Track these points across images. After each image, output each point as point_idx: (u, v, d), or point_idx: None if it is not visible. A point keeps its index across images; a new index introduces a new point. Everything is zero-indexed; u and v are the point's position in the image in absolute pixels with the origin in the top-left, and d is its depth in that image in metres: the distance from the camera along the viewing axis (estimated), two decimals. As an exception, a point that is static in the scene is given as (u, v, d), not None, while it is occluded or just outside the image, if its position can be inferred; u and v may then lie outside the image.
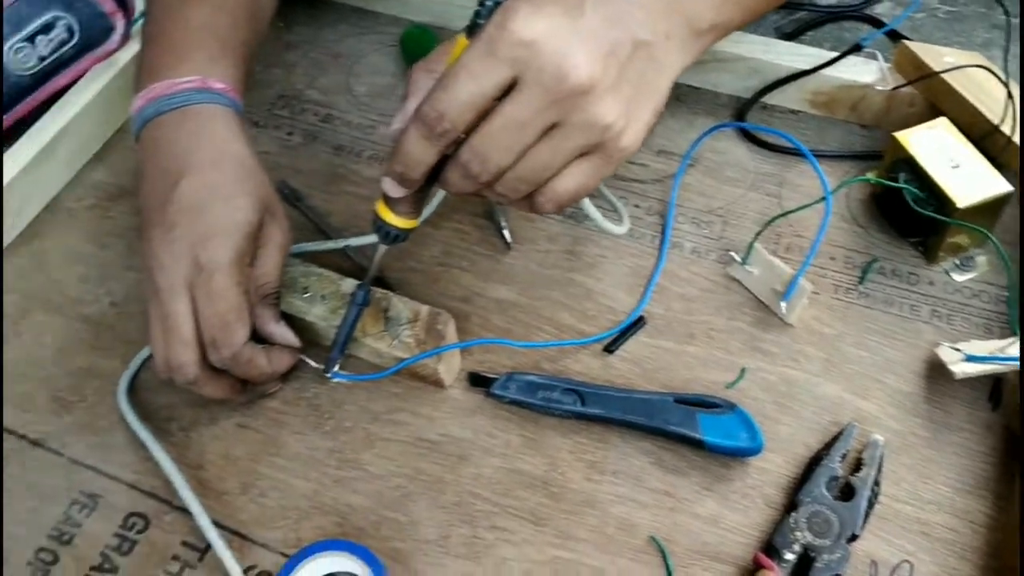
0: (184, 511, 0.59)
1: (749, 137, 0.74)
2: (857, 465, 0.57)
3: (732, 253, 0.65)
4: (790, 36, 0.83)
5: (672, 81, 0.51)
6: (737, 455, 0.58)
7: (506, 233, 0.69)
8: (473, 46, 0.46)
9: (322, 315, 0.63)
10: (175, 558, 0.57)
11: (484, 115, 0.47)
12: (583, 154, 0.49)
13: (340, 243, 0.68)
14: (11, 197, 0.72)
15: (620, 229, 0.65)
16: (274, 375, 0.60)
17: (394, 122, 0.51)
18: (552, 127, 0.47)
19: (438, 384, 0.63)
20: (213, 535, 0.57)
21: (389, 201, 0.54)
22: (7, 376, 0.66)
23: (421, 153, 0.48)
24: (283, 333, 0.60)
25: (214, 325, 0.56)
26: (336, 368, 0.62)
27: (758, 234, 0.64)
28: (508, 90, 0.46)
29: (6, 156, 0.73)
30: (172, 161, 0.59)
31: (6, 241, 0.73)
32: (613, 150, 0.48)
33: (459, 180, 0.49)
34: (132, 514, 0.59)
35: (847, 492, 0.56)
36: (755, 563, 0.54)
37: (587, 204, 0.61)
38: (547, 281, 0.67)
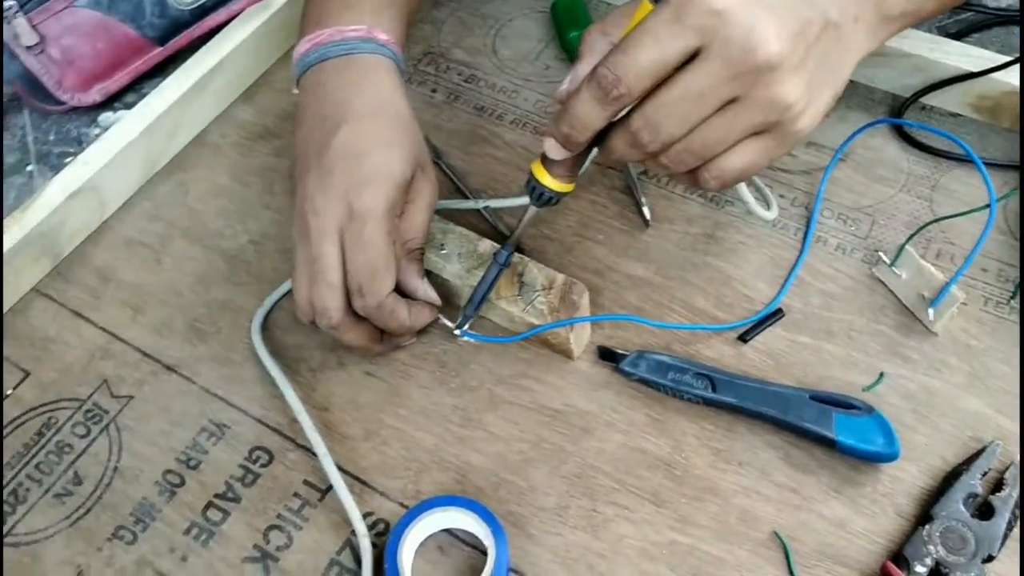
0: (307, 450, 0.60)
1: (903, 136, 0.71)
2: (998, 485, 0.55)
3: (881, 253, 0.63)
4: (954, 37, 0.80)
5: (854, 66, 0.50)
6: (870, 460, 0.56)
7: (645, 210, 0.68)
8: (659, 11, 0.45)
9: (457, 273, 0.63)
10: (296, 495, 0.58)
11: (661, 83, 0.46)
12: (756, 132, 0.48)
13: (479, 203, 0.68)
14: (162, 126, 0.73)
15: (769, 215, 0.63)
16: (413, 328, 0.61)
17: (564, 83, 0.51)
18: (730, 102, 0.46)
19: (566, 354, 0.62)
20: (336, 478, 0.57)
21: (547, 162, 0.54)
22: (149, 298, 0.68)
23: (590, 116, 0.48)
24: (425, 289, 0.60)
25: (362, 272, 0.56)
26: (467, 327, 0.62)
27: (911, 236, 0.62)
28: (689, 60, 0.45)
29: (160, 87, 0.74)
30: (332, 108, 0.60)
31: (157, 167, 0.75)
32: (789, 132, 0.47)
33: (625, 148, 0.49)
34: (257, 447, 0.60)
35: (985, 511, 0.54)
36: (883, 572, 0.52)
37: (740, 185, 0.59)
38: (684, 263, 0.66)
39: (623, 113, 0.48)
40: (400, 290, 0.59)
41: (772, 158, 0.49)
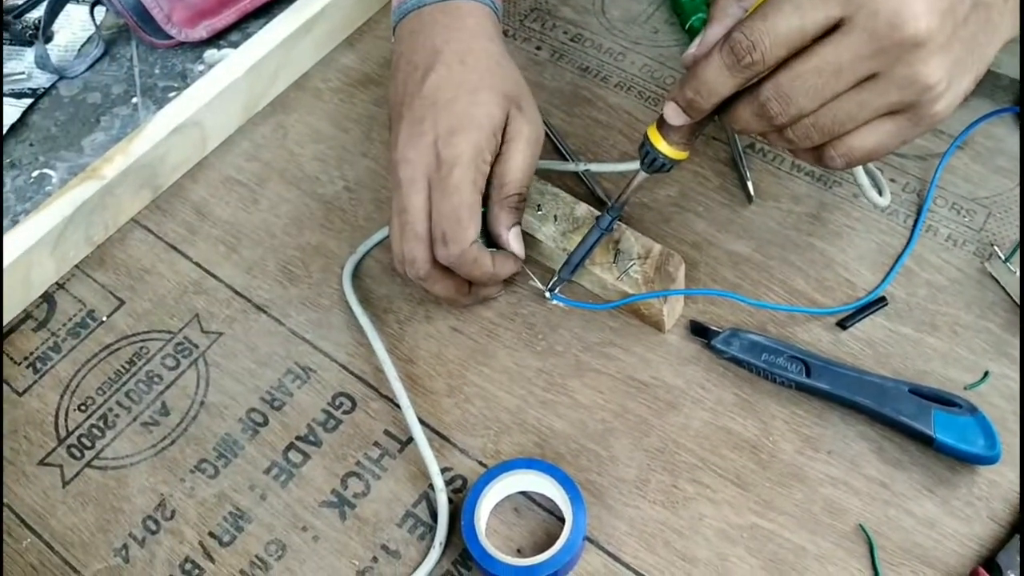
0: (390, 401, 0.60)
1: (1028, 127, 0.68)
2: (1104, 499, 0.52)
3: (995, 247, 0.60)
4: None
5: (998, 49, 0.47)
6: (968, 461, 0.54)
7: (749, 185, 0.66)
8: None
9: (551, 235, 0.62)
10: (376, 444, 0.59)
11: (797, 54, 0.44)
12: (890, 112, 0.45)
13: (579, 166, 0.67)
14: (266, 67, 0.73)
15: (882, 201, 0.61)
16: (497, 279, 0.60)
17: (691, 46, 0.49)
18: (868, 78, 0.44)
19: (657, 327, 0.61)
20: (418, 430, 0.57)
21: (663, 128, 0.52)
22: (243, 237, 0.68)
23: (719, 82, 0.46)
24: (509, 239, 0.59)
25: (445, 219, 0.56)
26: (558, 291, 0.61)
27: (1031, 233, 0.59)
28: (829, 31, 0.43)
29: (266, 27, 0.74)
30: (423, 55, 0.59)
31: (257, 107, 0.75)
32: (925, 114, 0.45)
33: (750, 118, 0.47)
34: (341, 394, 0.61)
35: (1088, 525, 0.51)
36: (973, 577, 0.51)
37: (858, 167, 0.57)
38: (786, 242, 0.64)
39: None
40: (492, 239, 0.59)
41: (904, 140, 0.47)
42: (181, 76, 0.81)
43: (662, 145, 0.52)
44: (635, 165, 0.56)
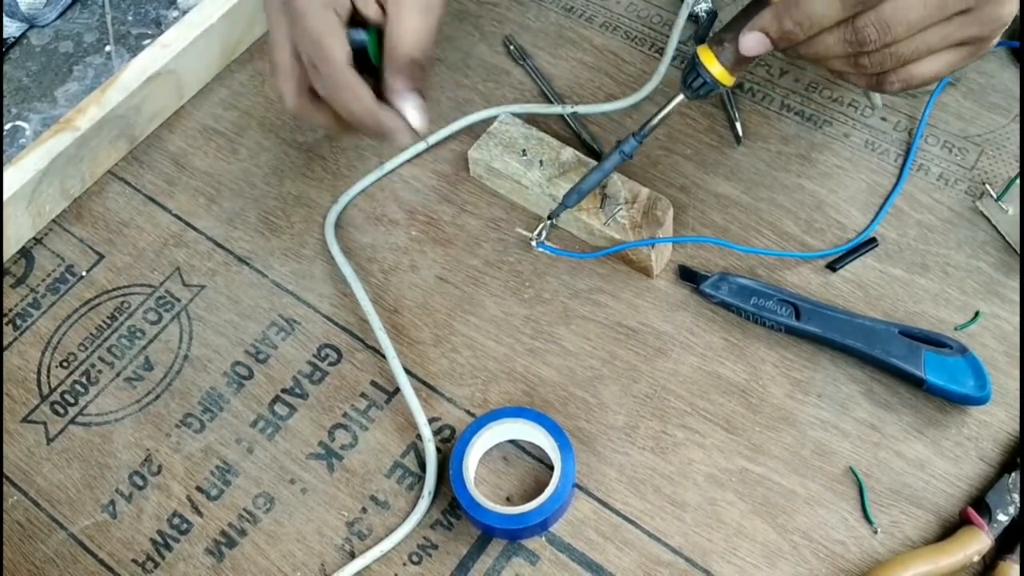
0: (376, 351, 0.59)
1: (1022, 62, 0.67)
2: (1094, 437, 0.52)
3: (987, 186, 0.60)
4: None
5: None
6: (958, 402, 0.54)
7: (738, 126, 0.65)
8: None
9: (536, 181, 0.61)
10: (363, 396, 0.58)
11: None
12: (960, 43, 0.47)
13: (565, 109, 0.65)
14: (242, 12, 0.71)
15: (877, 100, 0.60)
16: (378, 126, 0.53)
17: None
18: (959, 12, 0.45)
19: (646, 272, 0.60)
20: (404, 380, 0.57)
21: (717, 50, 0.51)
22: (222, 188, 0.67)
23: (826, 15, 0.46)
24: (411, 108, 0.53)
25: (306, 42, 0.52)
26: (544, 238, 0.60)
27: None
28: None
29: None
30: None
31: (235, 54, 0.73)
32: (985, 47, 0.47)
33: (834, 43, 0.47)
34: (326, 345, 0.60)
35: (1077, 463, 0.51)
36: (962, 517, 0.51)
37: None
38: (775, 184, 0.63)
39: None
40: None
41: (955, 69, 0.48)
42: (155, 23, 0.79)
43: (716, 68, 0.51)
44: (621, 105, 0.54)
